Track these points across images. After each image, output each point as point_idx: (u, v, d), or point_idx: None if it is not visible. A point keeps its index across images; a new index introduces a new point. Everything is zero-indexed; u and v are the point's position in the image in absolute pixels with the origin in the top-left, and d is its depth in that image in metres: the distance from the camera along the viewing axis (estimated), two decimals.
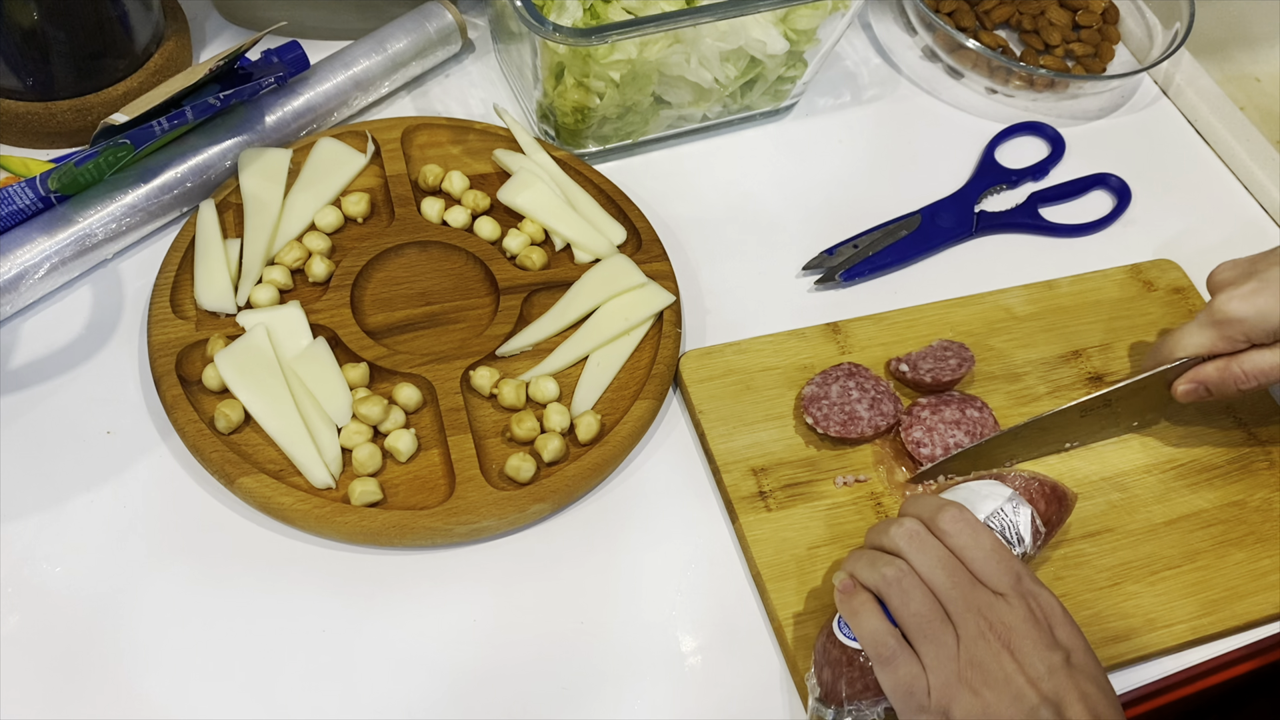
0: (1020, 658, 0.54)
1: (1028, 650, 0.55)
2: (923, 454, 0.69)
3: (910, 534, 0.58)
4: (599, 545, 0.66)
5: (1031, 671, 0.54)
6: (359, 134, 0.80)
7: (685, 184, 0.84)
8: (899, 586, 0.57)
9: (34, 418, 0.67)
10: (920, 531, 0.58)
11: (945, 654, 0.55)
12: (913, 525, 0.59)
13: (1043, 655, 0.55)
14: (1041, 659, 0.54)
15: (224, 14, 0.88)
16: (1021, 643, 0.55)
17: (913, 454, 0.69)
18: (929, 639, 0.55)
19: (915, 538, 0.58)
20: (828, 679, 0.58)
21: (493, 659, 0.62)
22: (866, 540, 0.62)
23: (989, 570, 0.57)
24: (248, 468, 0.64)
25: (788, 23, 0.80)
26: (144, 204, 0.73)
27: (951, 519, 0.58)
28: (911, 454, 0.69)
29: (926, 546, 0.58)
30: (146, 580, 0.62)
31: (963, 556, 0.57)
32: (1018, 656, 0.54)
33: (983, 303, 0.78)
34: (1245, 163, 0.91)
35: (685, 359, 0.73)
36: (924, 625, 0.56)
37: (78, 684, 0.59)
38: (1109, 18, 0.97)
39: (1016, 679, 0.54)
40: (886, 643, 0.56)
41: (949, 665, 0.55)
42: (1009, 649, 0.55)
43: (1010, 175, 0.88)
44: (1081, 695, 0.54)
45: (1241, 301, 0.67)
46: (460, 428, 0.67)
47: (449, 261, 0.76)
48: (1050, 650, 0.55)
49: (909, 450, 0.69)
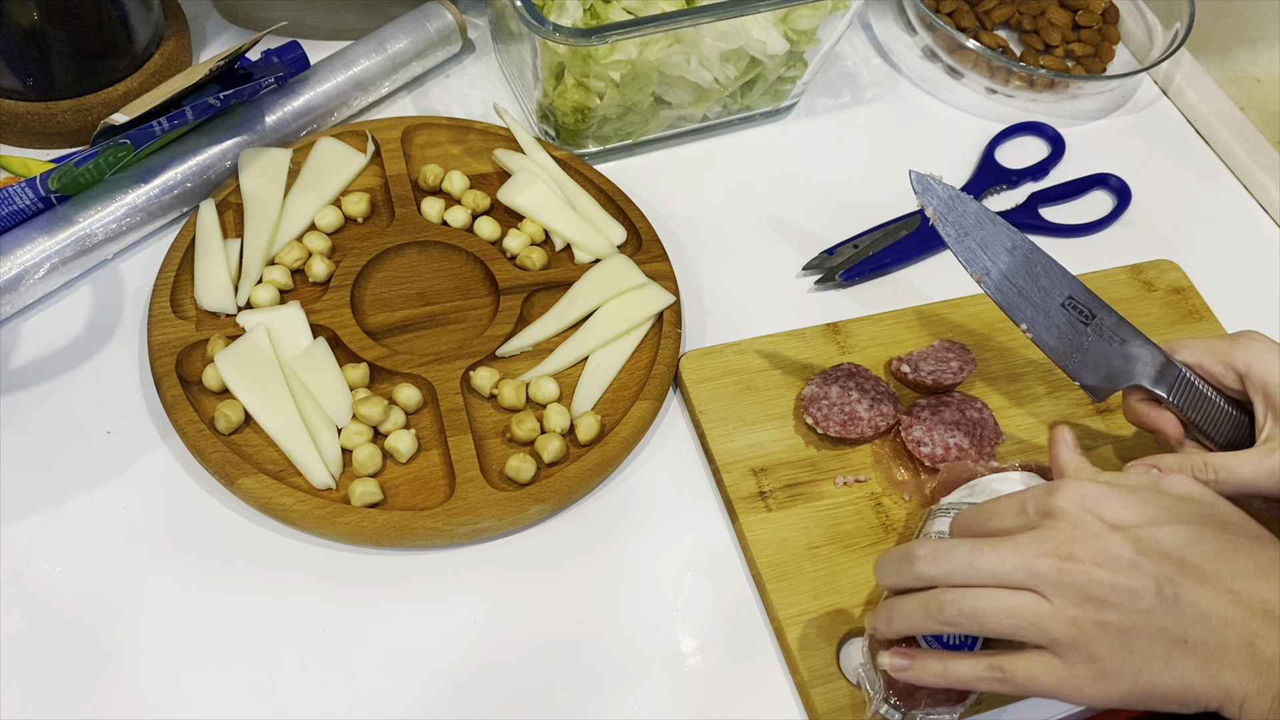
0: (1102, 561, 0.51)
1: (1100, 549, 0.51)
2: (923, 453, 0.69)
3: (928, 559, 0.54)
4: (599, 545, 0.66)
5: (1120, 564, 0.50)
6: (359, 134, 0.80)
7: (685, 184, 0.84)
8: (960, 613, 0.52)
9: (34, 418, 0.67)
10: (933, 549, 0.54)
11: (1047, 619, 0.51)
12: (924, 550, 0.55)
13: (1115, 542, 0.51)
14: (1118, 545, 0.51)
15: (224, 14, 0.88)
16: (1092, 546, 0.51)
17: (913, 453, 0.69)
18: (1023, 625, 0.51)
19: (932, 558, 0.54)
20: (904, 685, 0.56)
21: (493, 659, 0.62)
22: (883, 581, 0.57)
23: (1006, 518, 0.54)
24: (248, 468, 0.64)
25: (788, 23, 0.80)
26: (144, 204, 0.73)
27: (945, 525, 0.57)
28: (912, 453, 0.69)
29: (947, 554, 0.53)
30: (146, 580, 0.62)
31: (978, 530, 0.55)
32: (1100, 562, 0.51)
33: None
34: (1245, 163, 0.91)
35: (685, 359, 0.73)
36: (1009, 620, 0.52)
37: (78, 684, 0.59)
38: (1109, 18, 0.97)
39: (1119, 580, 0.50)
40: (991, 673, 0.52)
41: (1059, 623, 0.51)
42: (1090, 561, 0.51)
43: (1010, 175, 0.88)
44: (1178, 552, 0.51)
45: None
46: (460, 428, 0.67)
47: (449, 261, 0.76)
48: (1114, 532, 0.51)
49: (909, 449, 0.69)
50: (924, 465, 0.69)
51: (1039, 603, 0.52)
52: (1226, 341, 0.64)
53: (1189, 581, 0.51)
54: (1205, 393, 0.64)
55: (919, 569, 0.54)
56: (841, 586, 0.65)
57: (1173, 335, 0.79)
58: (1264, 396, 0.62)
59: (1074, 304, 0.64)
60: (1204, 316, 0.80)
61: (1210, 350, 0.64)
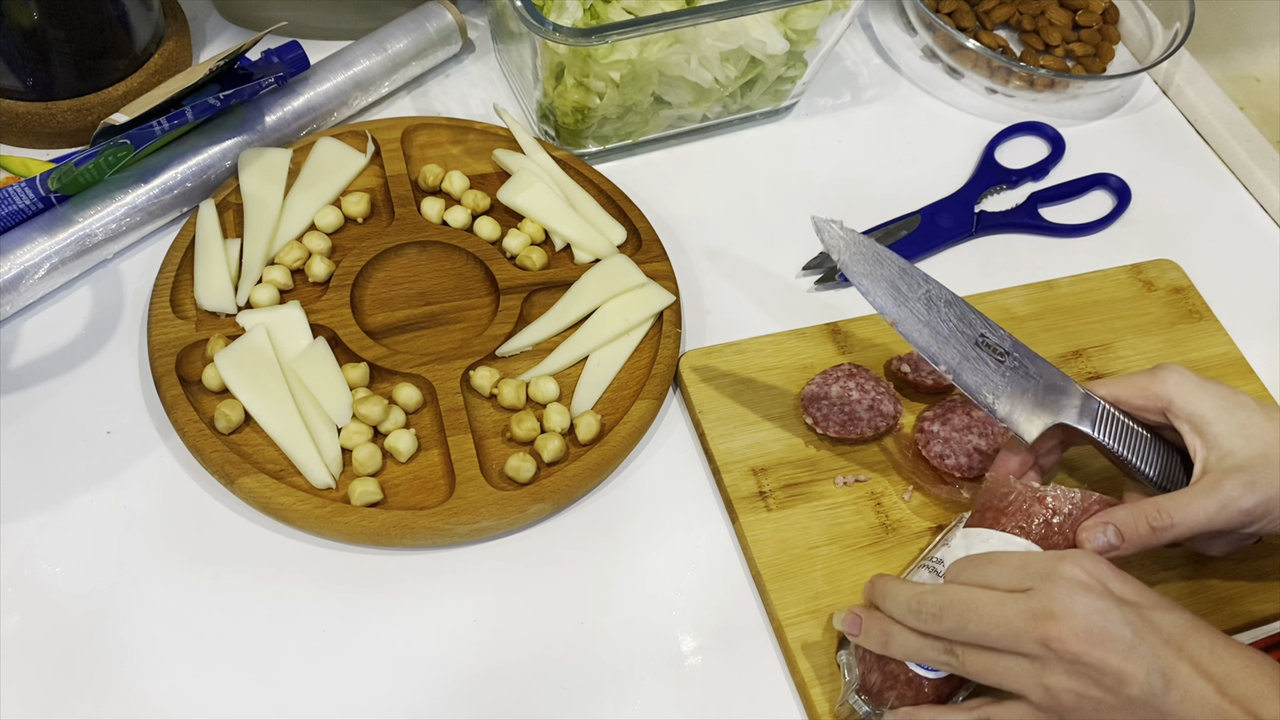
0: (1096, 638, 0.51)
1: (1097, 624, 0.51)
2: (948, 465, 0.69)
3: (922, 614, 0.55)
4: (599, 545, 0.66)
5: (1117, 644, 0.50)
6: (359, 134, 0.80)
7: (685, 184, 0.84)
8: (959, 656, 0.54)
9: (34, 418, 0.67)
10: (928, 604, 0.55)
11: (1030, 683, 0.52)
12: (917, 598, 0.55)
13: (1115, 616, 0.51)
14: (1117, 621, 0.51)
15: (224, 14, 0.88)
16: (1088, 620, 0.51)
17: (938, 468, 0.69)
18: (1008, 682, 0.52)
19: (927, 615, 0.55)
20: (875, 684, 0.58)
21: (493, 659, 0.62)
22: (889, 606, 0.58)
23: (1008, 575, 0.54)
24: (248, 468, 0.64)
25: (788, 23, 0.80)
26: (144, 204, 0.73)
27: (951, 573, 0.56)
28: (937, 468, 0.69)
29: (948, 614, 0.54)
30: (146, 580, 0.62)
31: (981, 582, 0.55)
32: (1093, 639, 0.51)
33: (983, 303, 0.78)
34: (1245, 163, 0.91)
35: (685, 359, 0.73)
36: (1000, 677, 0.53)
37: (78, 684, 0.59)
38: (1109, 18, 0.97)
39: (1109, 662, 0.50)
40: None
41: (1038, 690, 0.52)
42: (1081, 637, 0.51)
43: (1010, 175, 0.88)
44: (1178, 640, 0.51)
45: None
46: (460, 428, 0.67)
47: (449, 261, 0.76)
48: (1119, 606, 0.51)
49: (934, 464, 0.69)
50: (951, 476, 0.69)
51: (1024, 667, 0.52)
52: (1145, 375, 0.62)
53: (1182, 670, 0.51)
54: (1131, 426, 0.62)
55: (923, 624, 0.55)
56: (841, 586, 0.65)
57: (1173, 334, 0.79)
58: (1192, 426, 0.60)
59: (986, 342, 0.63)
60: (1204, 316, 0.80)
61: (1129, 385, 0.62)
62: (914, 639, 0.56)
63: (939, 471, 0.69)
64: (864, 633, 0.58)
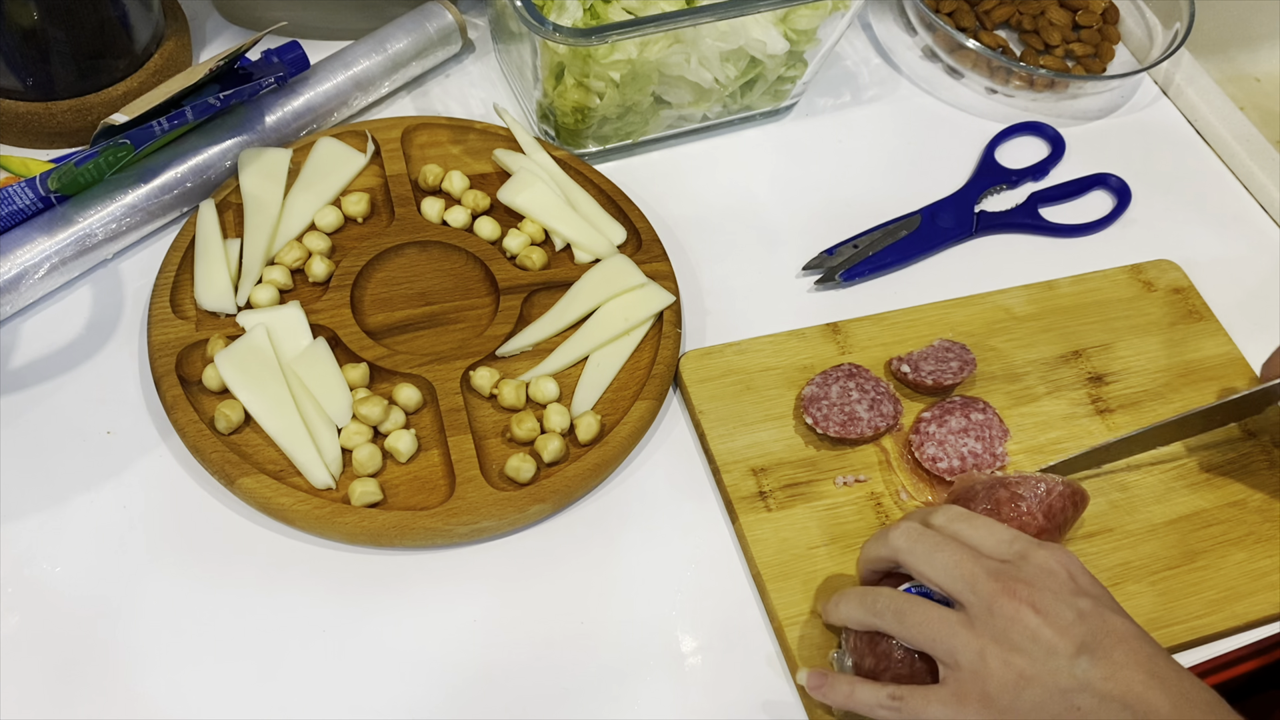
0: (1043, 609, 0.52)
1: (1049, 600, 0.52)
2: (940, 469, 0.69)
3: (906, 531, 0.58)
4: (599, 545, 0.66)
5: (1059, 622, 0.52)
6: (359, 134, 0.80)
7: (685, 184, 0.84)
8: (891, 613, 0.56)
9: (34, 418, 0.67)
10: (915, 527, 0.58)
11: (961, 640, 0.53)
12: (908, 524, 0.58)
13: (1068, 601, 0.52)
14: (1067, 605, 0.52)
15: (224, 14, 0.88)
16: (1041, 595, 0.52)
17: (930, 469, 0.69)
18: (938, 638, 0.54)
19: (910, 532, 0.58)
20: (869, 668, 0.58)
21: (493, 659, 0.62)
22: (862, 557, 0.62)
23: (990, 543, 0.56)
24: (248, 468, 0.64)
25: (788, 23, 0.80)
26: (144, 204, 0.73)
27: (943, 514, 0.58)
28: (929, 469, 0.69)
29: (923, 538, 0.57)
30: (146, 580, 0.62)
31: (961, 538, 0.57)
32: (1040, 609, 0.52)
33: (983, 303, 0.78)
34: (1245, 163, 0.91)
35: (685, 359, 0.73)
36: (928, 629, 0.54)
37: (77, 684, 0.59)
38: (1109, 18, 0.97)
39: (1044, 632, 0.51)
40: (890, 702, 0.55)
41: (970, 649, 0.53)
42: (1029, 604, 0.52)
43: (1010, 175, 0.88)
44: (1117, 636, 0.52)
45: None
46: (460, 428, 0.67)
47: (449, 261, 0.76)
48: (1075, 595, 0.53)
49: (925, 466, 0.69)
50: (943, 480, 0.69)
51: (961, 622, 0.53)
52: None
53: (1116, 657, 0.52)
54: None
55: (894, 538, 0.58)
56: (841, 586, 0.65)
57: (1173, 334, 0.79)
58: None
59: None
60: (1204, 316, 0.80)
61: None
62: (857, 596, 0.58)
63: (931, 475, 0.69)
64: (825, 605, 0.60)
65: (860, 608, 0.58)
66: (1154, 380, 0.76)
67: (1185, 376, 0.77)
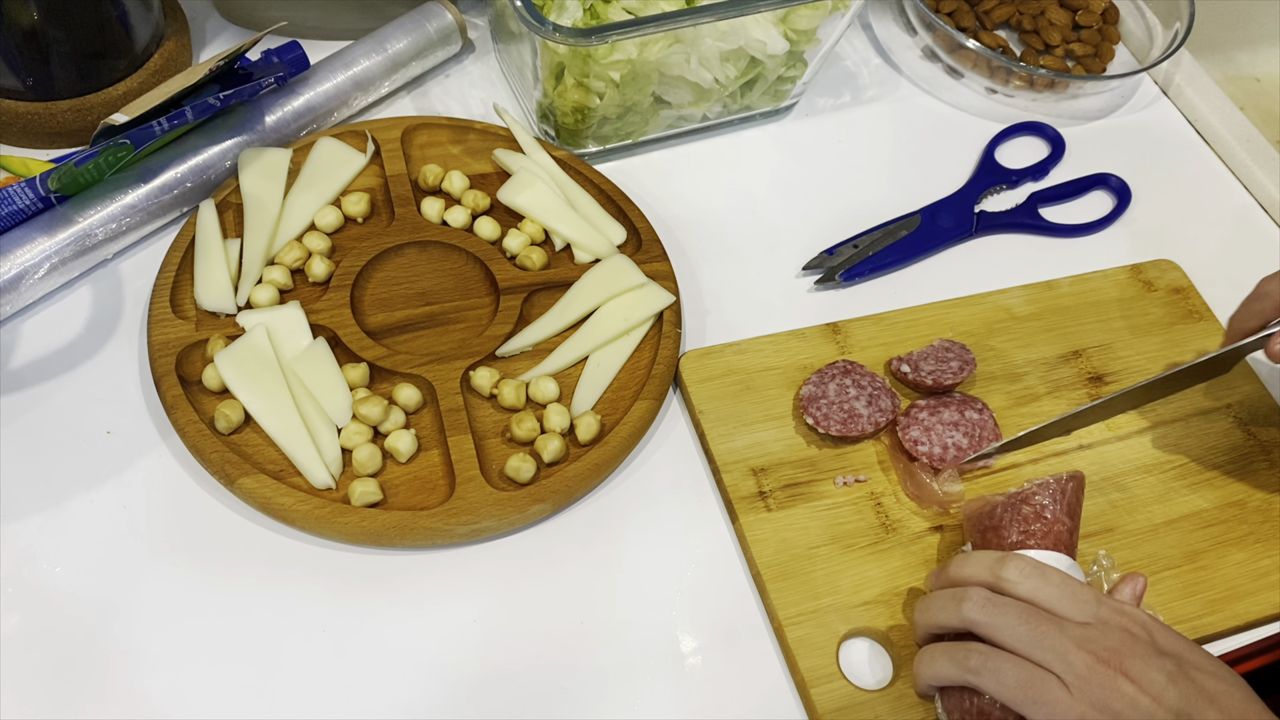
0: (1136, 677, 0.52)
1: (1139, 667, 0.52)
2: (920, 451, 0.69)
3: (982, 603, 0.56)
4: (599, 545, 0.66)
5: (1153, 688, 0.52)
6: (359, 134, 0.80)
7: (685, 184, 0.84)
8: (987, 671, 0.55)
9: (34, 418, 0.67)
10: (989, 596, 0.56)
11: (1061, 707, 0.52)
12: (979, 594, 0.56)
13: (1156, 665, 0.52)
14: (1157, 669, 0.52)
15: (224, 14, 0.88)
16: (1131, 662, 0.52)
17: (910, 451, 0.69)
18: (1037, 702, 0.53)
19: (988, 605, 0.56)
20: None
21: (493, 659, 0.62)
22: (922, 620, 0.60)
23: (1068, 605, 0.55)
24: (248, 468, 0.64)
25: (788, 23, 0.80)
26: (144, 204, 0.73)
27: (1015, 569, 0.57)
28: (909, 451, 0.69)
29: (1001, 607, 0.55)
30: (146, 580, 0.62)
31: (1036, 600, 0.56)
32: (1133, 677, 0.52)
33: (983, 303, 0.78)
34: (1245, 163, 0.91)
35: (685, 359, 0.73)
36: (1027, 692, 0.53)
37: (78, 684, 0.59)
38: (1109, 18, 0.97)
39: (1142, 700, 0.52)
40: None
41: (1070, 714, 0.52)
42: (1122, 672, 0.52)
43: (1010, 175, 0.88)
44: (1210, 697, 0.52)
45: None
46: (460, 428, 0.67)
47: (449, 261, 0.76)
48: (1160, 658, 0.53)
49: (906, 448, 0.69)
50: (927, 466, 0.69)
51: (1059, 689, 0.53)
52: None
53: (1208, 716, 0.52)
54: None
55: (967, 610, 0.56)
56: (841, 586, 0.65)
57: (1173, 335, 0.79)
58: None
59: None
60: (1204, 316, 0.80)
61: None
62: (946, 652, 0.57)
63: (914, 458, 0.69)
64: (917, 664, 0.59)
65: (951, 664, 0.56)
66: None
67: None
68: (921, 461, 0.69)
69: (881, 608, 0.64)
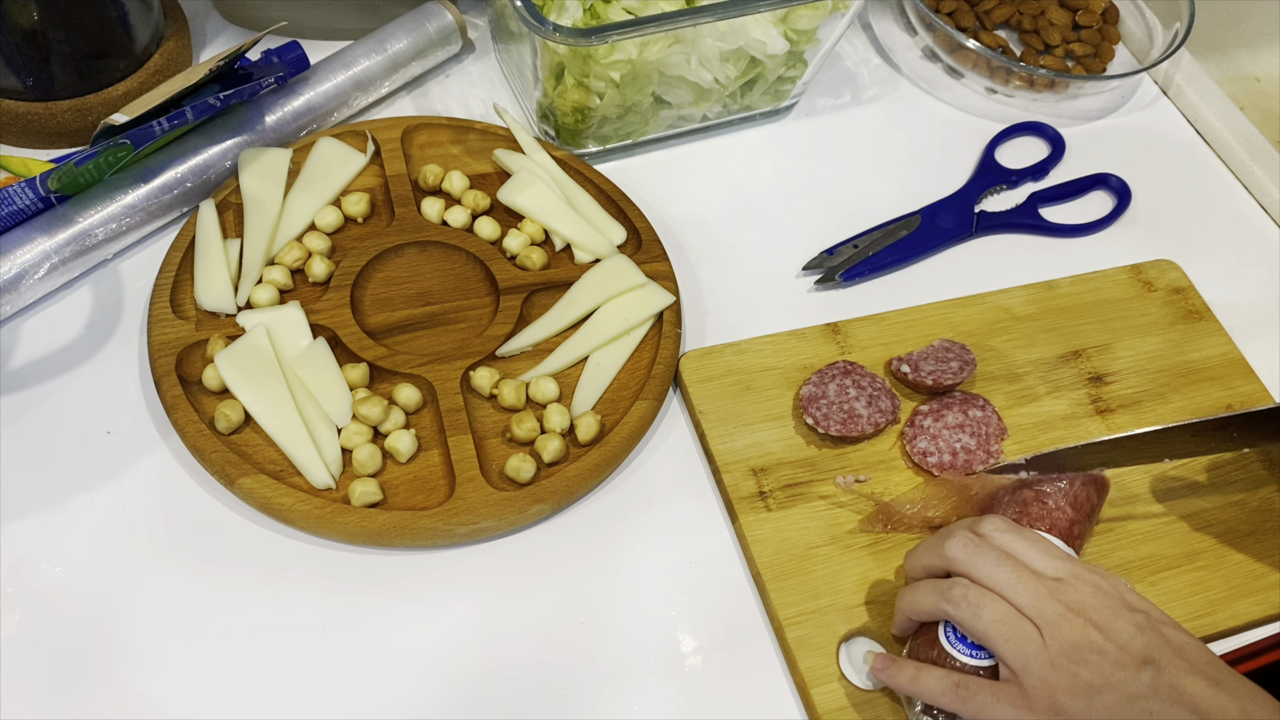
0: (1105, 628, 0.54)
1: (1109, 619, 0.54)
2: (930, 463, 0.69)
3: (963, 542, 0.58)
4: (599, 545, 0.66)
5: (1120, 637, 0.54)
6: (359, 134, 0.80)
7: (685, 184, 0.84)
8: (966, 602, 0.56)
9: (34, 418, 0.67)
10: (972, 538, 0.58)
11: (1033, 649, 0.54)
12: (964, 534, 0.58)
13: (1125, 618, 0.54)
14: (1126, 621, 0.54)
15: (224, 14, 0.88)
16: (1100, 614, 0.55)
17: (920, 464, 0.69)
18: (1011, 640, 0.55)
19: (969, 544, 0.58)
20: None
21: (493, 659, 0.62)
22: (909, 566, 0.62)
23: (1042, 561, 0.57)
24: (248, 468, 0.64)
25: (788, 23, 0.80)
26: (144, 204, 0.73)
27: (992, 524, 0.59)
28: (918, 463, 0.69)
29: (983, 549, 0.57)
30: (146, 580, 0.62)
31: (1012, 553, 0.57)
32: (1102, 628, 0.54)
33: (983, 303, 0.78)
34: (1245, 163, 0.91)
35: (685, 359, 0.73)
36: (1003, 629, 0.55)
37: (78, 683, 0.59)
38: (1109, 18, 0.97)
39: (1109, 648, 0.54)
40: (956, 690, 0.56)
41: (1040, 658, 0.54)
42: (1092, 623, 0.54)
43: (1010, 175, 0.88)
44: (1175, 648, 0.54)
45: None
46: (460, 428, 0.67)
47: (449, 261, 0.76)
48: (1130, 612, 0.55)
49: (916, 460, 0.69)
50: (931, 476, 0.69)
51: (1034, 633, 0.55)
52: None
53: (1178, 666, 0.54)
54: None
55: (949, 548, 0.58)
56: (841, 586, 0.65)
57: (1173, 335, 0.79)
58: None
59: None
60: (1204, 316, 0.80)
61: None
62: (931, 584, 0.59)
63: (921, 469, 0.69)
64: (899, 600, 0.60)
65: (933, 593, 0.58)
66: (1154, 380, 0.76)
67: (1185, 377, 0.77)
68: (932, 472, 0.69)
69: (882, 608, 0.64)
